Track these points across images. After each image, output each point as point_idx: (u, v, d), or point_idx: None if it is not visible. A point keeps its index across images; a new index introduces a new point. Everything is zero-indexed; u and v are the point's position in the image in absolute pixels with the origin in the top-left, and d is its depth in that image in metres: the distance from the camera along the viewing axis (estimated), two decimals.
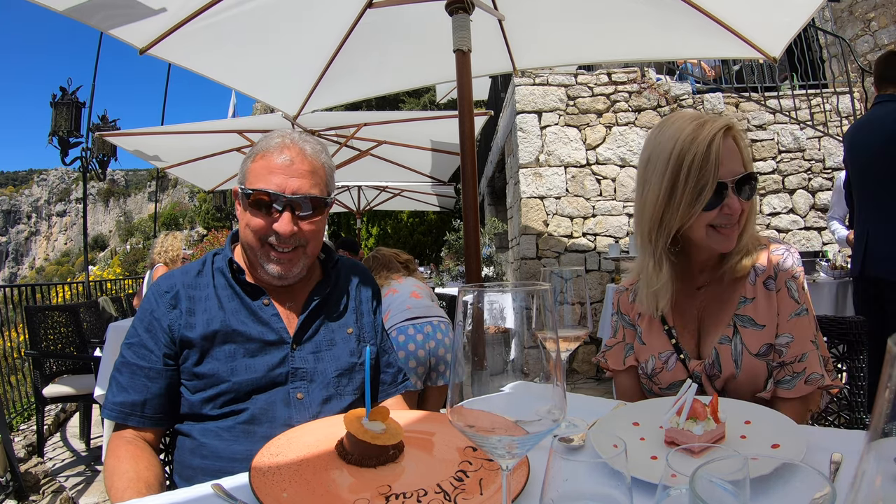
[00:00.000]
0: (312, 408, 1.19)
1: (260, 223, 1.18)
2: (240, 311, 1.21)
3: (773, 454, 0.81)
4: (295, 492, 0.77)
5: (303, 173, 1.19)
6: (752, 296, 1.16)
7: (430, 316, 2.77)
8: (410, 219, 14.66)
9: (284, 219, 1.16)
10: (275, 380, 1.17)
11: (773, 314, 1.13)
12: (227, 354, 1.16)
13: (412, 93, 14.33)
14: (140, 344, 1.17)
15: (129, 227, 52.63)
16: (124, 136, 4.53)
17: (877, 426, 0.27)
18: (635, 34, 2.85)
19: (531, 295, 0.54)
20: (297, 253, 1.21)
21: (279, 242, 1.18)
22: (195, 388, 1.16)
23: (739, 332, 1.14)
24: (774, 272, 1.15)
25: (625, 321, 1.36)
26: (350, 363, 1.26)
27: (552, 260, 5.36)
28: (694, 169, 1.09)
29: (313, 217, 1.21)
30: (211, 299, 1.20)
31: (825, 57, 6.33)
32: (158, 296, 1.20)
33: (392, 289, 2.88)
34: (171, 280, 1.23)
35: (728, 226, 1.13)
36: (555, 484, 0.50)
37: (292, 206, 1.17)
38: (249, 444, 1.11)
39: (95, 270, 24.21)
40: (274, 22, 2.48)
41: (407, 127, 4.39)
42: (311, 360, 1.22)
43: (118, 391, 1.15)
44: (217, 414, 1.14)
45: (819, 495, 0.42)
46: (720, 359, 1.14)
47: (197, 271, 1.25)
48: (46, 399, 3.62)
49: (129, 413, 1.14)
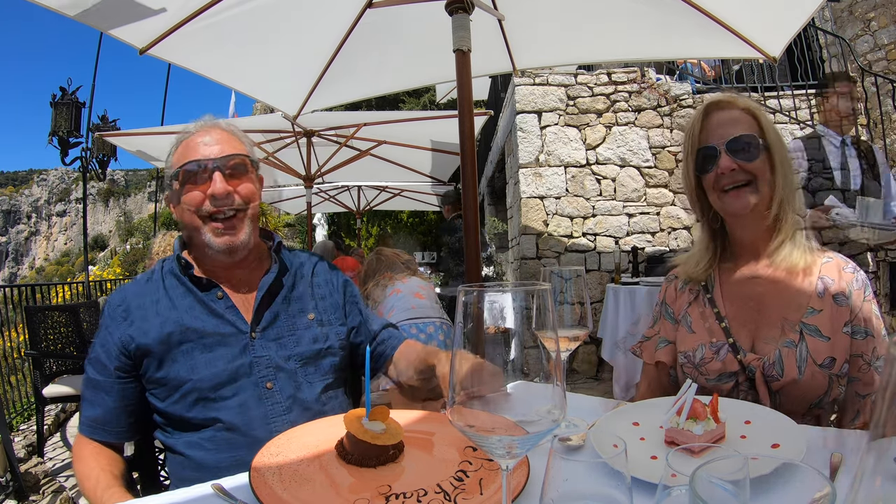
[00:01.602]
0: (284, 397, 1.18)
1: (195, 195, 1.19)
2: (193, 307, 1.20)
3: (773, 454, 0.81)
4: (295, 492, 0.77)
5: (222, 140, 1.24)
6: (819, 308, 1.15)
7: (432, 317, 2.78)
8: (410, 219, 14.66)
9: (216, 179, 1.19)
10: (238, 371, 1.16)
11: (838, 328, 1.14)
12: (185, 353, 1.16)
13: (412, 93, 14.32)
14: (97, 360, 1.18)
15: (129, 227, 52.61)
16: (124, 137, 4.54)
17: (877, 426, 0.27)
18: (635, 34, 2.85)
19: (531, 295, 0.54)
20: (238, 218, 1.22)
21: (218, 207, 1.19)
22: (163, 396, 1.16)
23: (806, 340, 1.13)
24: (848, 290, 1.16)
25: (667, 313, 1.36)
26: (314, 350, 1.25)
27: (552, 260, 5.36)
28: (688, 138, 1.23)
29: (244, 176, 1.24)
30: (162, 301, 1.20)
31: (825, 57, 6.33)
32: (112, 309, 1.21)
33: (396, 289, 2.88)
34: (122, 293, 1.24)
35: (731, 185, 1.18)
36: (555, 484, 0.50)
37: (220, 169, 1.20)
38: (233, 452, 1.11)
39: (95, 270, 24.20)
40: (274, 22, 2.48)
41: (407, 127, 4.39)
42: (274, 348, 1.21)
43: (87, 406, 1.19)
44: (194, 420, 1.13)
45: (819, 495, 0.42)
46: (783, 362, 1.13)
47: (146, 279, 1.26)
48: (46, 399, 3.62)
49: (95, 428, 1.17)
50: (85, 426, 1.18)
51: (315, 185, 5.24)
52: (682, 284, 1.34)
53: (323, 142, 4.38)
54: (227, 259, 1.23)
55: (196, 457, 1.12)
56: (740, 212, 1.18)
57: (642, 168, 5.42)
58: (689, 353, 1.25)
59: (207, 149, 1.21)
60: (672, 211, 5.39)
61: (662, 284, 1.42)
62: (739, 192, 1.17)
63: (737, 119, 1.19)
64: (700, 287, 1.29)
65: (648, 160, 5.41)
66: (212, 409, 1.13)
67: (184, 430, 1.15)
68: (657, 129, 5.43)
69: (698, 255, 1.29)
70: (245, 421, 1.13)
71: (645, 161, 5.41)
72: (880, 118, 5.68)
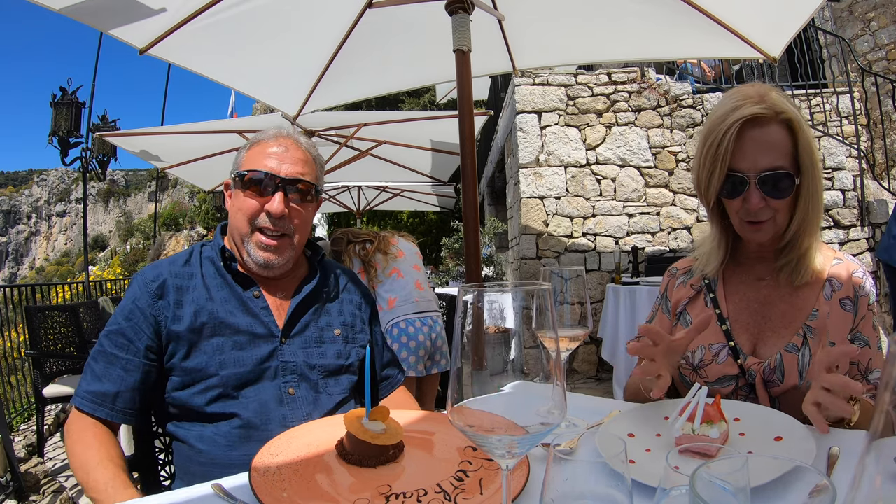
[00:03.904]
0: (305, 404, 1.18)
1: (252, 203, 1.20)
2: (229, 301, 1.19)
3: (779, 448, 0.81)
4: (295, 492, 0.77)
5: (296, 160, 1.23)
6: (826, 310, 1.11)
7: (433, 311, 2.85)
8: (410, 219, 14.66)
9: (276, 198, 1.19)
10: (264, 374, 1.16)
11: (844, 333, 1.10)
12: (216, 348, 1.14)
13: (412, 93, 14.33)
14: (119, 332, 1.14)
15: (129, 227, 52.61)
16: (124, 137, 4.53)
17: (877, 426, 0.27)
18: (635, 34, 2.85)
19: (531, 295, 0.54)
20: (284, 241, 1.22)
21: (269, 224, 1.19)
22: (183, 384, 1.13)
23: (809, 344, 1.09)
24: (855, 296, 1.12)
25: (666, 307, 1.32)
26: (337, 365, 1.25)
27: (552, 260, 5.36)
28: (709, 153, 1.08)
29: (303, 204, 1.24)
30: (199, 289, 1.19)
31: (825, 57, 6.33)
32: (143, 285, 1.17)
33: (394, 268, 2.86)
34: (157, 269, 1.20)
35: (755, 221, 1.09)
36: (555, 484, 0.50)
37: (285, 189, 1.20)
38: (247, 449, 1.10)
39: (95, 270, 24.20)
40: (274, 22, 2.48)
41: (407, 127, 4.38)
42: (301, 355, 1.21)
43: (92, 380, 1.12)
44: (210, 412, 1.12)
45: (818, 485, 0.42)
46: (784, 366, 1.09)
47: (184, 261, 1.23)
48: (46, 399, 3.62)
49: (99, 404, 1.10)
50: (86, 400, 1.11)
51: None
52: (684, 279, 1.31)
53: (323, 142, 4.37)
54: (261, 272, 1.23)
55: (208, 451, 1.11)
56: (757, 241, 1.14)
57: (642, 168, 5.42)
58: (687, 354, 1.20)
59: (279, 164, 1.21)
60: (672, 211, 5.39)
61: (664, 278, 1.38)
62: (761, 225, 1.11)
63: (773, 142, 1.06)
64: (703, 284, 1.25)
65: (648, 160, 5.41)
66: (231, 406, 1.12)
67: (198, 421, 1.14)
68: (657, 129, 5.43)
69: (709, 252, 1.24)
70: (263, 420, 1.13)
71: (645, 161, 5.41)
72: (880, 118, 5.68)
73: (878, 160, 5.73)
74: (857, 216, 5.02)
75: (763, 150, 1.06)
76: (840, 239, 5.02)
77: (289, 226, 1.22)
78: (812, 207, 1.10)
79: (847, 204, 5.05)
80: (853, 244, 5.01)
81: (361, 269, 2.82)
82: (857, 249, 4.99)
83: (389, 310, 2.74)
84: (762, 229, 1.11)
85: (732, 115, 1.06)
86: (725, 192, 1.11)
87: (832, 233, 5.03)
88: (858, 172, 5.12)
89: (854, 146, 5.15)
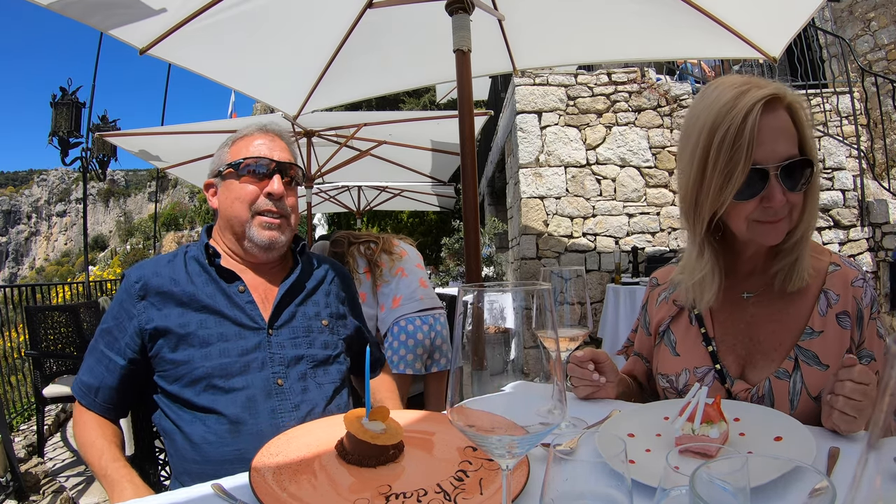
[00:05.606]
0: (293, 395, 1.19)
1: (251, 189, 1.24)
2: (215, 296, 1.21)
3: (779, 447, 0.81)
4: (295, 492, 0.77)
5: (283, 148, 1.30)
6: (820, 328, 1.00)
7: (435, 308, 2.86)
8: (410, 219, 14.66)
9: (275, 180, 1.24)
10: (250, 364, 1.17)
11: (839, 353, 0.98)
12: (202, 340, 1.16)
13: (412, 93, 14.33)
14: (108, 331, 1.20)
15: (129, 227, 52.64)
16: (124, 137, 4.53)
17: (876, 426, 0.27)
18: (635, 34, 2.85)
19: (531, 295, 0.54)
20: (283, 222, 1.26)
21: (271, 206, 1.24)
22: (172, 377, 1.15)
23: (801, 369, 0.98)
24: (856, 309, 1.00)
25: (645, 322, 1.25)
26: (325, 355, 1.28)
27: (552, 260, 5.36)
28: (725, 148, 0.91)
29: (291, 188, 1.30)
30: (184, 285, 1.21)
31: (825, 57, 6.34)
32: (128, 286, 1.21)
33: (399, 268, 2.86)
34: (141, 270, 1.23)
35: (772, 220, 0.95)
36: (555, 484, 0.50)
37: (281, 171, 1.25)
38: (238, 444, 1.11)
39: (95, 270, 24.20)
40: (274, 22, 2.48)
41: (407, 127, 4.38)
42: (289, 346, 1.23)
43: (85, 370, 1.21)
44: (200, 405, 1.13)
45: (818, 486, 0.42)
46: (773, 394, 0.99)
47: (167, 260, 1.26)
48: (46, 399, 3.62)
49: (84, 393, 1.19)
50: (78, 389, 1.20)
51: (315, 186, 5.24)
52: (665, 294, 1.20)
53: (323, 142, 4.38)
54: (262, 255, 1.26)
55: (200, 448, 1.12)
56: (773, 242, 0.99)
57: (642, 168, 5.42)
58: (671, 378, 1.12)
59: (270, 150, 1.27)
60: (672, 211, 5.39)
61: (646, 288, 1.29)
62: (777, 224, 0.96)
63: (786, 128, 0.93)
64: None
65: (648, 160, 5.42)
66: (220, 397, 1.14)
67: (189, 415, 1.15)
68: (657, 130, 5.44)
69: (700, 282, 1.05)
70: (252, 414, 1.14)
71: (645, 161, 5.42)
72: (880, 118, 5.68)
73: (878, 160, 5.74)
74: (857, 216, 5.02)
75: (780, 136, 0.92)
76: (840, 239, 5.02)
77: (286, 208, 1.27)
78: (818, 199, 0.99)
79: (847, 204, 5.05)
80: (853, 244, 5.01)
81: (367, 268, 2.82)
82: (857, 249, 4.99)
83: (395, 308, 2.74)
84: (778, 227, 0.96)
85: (743, 98, 0.91)
86: (741, 193, 0.94)
87: (832, 233, 5.03)
88: (858, 172, 5.12)
89: (854, 146, 5.15)
